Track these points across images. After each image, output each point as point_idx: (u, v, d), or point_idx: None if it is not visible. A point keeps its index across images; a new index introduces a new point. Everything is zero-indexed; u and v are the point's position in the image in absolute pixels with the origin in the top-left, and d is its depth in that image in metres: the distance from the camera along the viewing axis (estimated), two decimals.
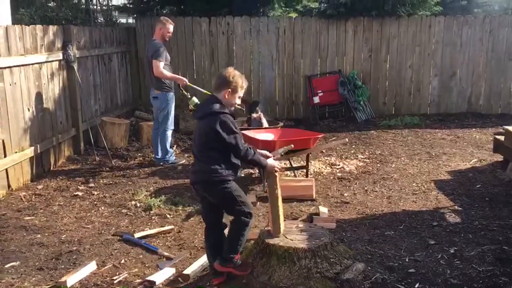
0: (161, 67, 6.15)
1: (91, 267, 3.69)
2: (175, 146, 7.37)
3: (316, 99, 9.32)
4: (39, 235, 4.33)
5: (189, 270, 3.57)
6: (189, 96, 6.26)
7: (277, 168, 3.45)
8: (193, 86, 6.64)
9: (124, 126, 7.56)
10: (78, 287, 3.46)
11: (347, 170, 6.28)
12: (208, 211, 3.46)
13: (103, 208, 5.02)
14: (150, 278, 3.51)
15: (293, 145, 4.87)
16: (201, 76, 9.44)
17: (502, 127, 6.30)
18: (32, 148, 5.80)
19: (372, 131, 8.51)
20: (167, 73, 6.26)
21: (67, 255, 3.94)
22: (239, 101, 3.40)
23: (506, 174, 5.83)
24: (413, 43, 9.57)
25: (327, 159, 6.75)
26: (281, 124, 6.66)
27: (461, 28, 9.56)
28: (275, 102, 9.67)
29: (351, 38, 9.48)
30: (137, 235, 4.27)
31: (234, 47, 9.42)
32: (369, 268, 3.58)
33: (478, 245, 4.02)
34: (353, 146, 7.50)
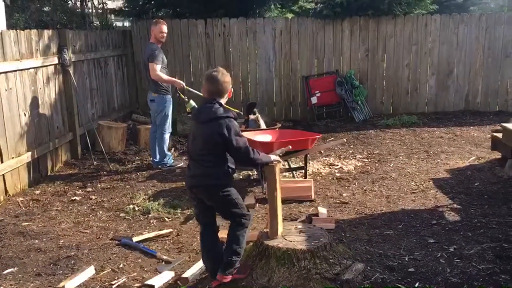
0: (158, 70, 6.13)
1: (89, 272, 3.67)
2: (172, 149, 7.35)
3: (314, 100, 9.32)
4: (36, 241, 4.31)
5: (188, 274, 3.56)
6: (186, 99, 6.25)
7: (279, 159, 3.53)
8: (190, 89, 6.62)
9: (121, 129, 7.53)
10: None
11: (346, 170, 6.27)
12: (205, 210, 3.44)
13: (101, 212, 5.00)
14: (149, 282, 3.49)
15: (291, 146, 4.86)
16: (198, 78, 9.41)
17: (500, 124, 6.29)
18: (29, 153, 5.78)
19: (370, 131, 8.50)
20: (164, 76, 6.24)
21: (65, 260, 3.92)
22: None
23: (504, 171, 5.82)
24: (409, 42, 9.57)
25: (325, 160, 6.74)
26: (278, 125, 6.66)
27: (457, 26, 9.57)
28: (272, 103, 9.66)
29: (348, 38, 9.48)
30: (135, 239, 4.25)
31: (230, 49, 9.41)
32: (368, 268, 3.57)
33: (477, 243, 4.01)
34: (352, 146, 7.49)
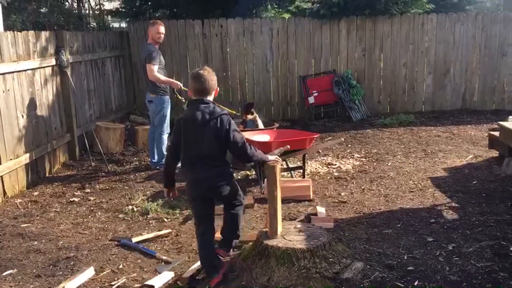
0: (156, 70, 6.13)
1: (89, 273, 3.66)
2: None
3: (311, 99, 9.33)
4: (36, 242, 4.31)
5: (188, 274, 3.56)
6: (183, 100, 6.25)
7: (278, 161, 3.58)
8: (187, 90, 6.60)
9: (119, 130, 7.53)
10: None
11: (344, 169, 6.29)
12: (208, 210, 3.50)
13: (100, 213, 5.00)
14: (149, 283, 3.49)
15: (289, 145, 4.88)
16: None
17: (497, 123, 6.32)
18: (27, 155, 5.77)
19: (367, 130, 8.52)
20: (162, 77, 6.24)
21: (64, 262, 3.91)
22: None
23: (502, 169, 5.85)
24: (406, 41, 9.60)
25: (323, 159, 6.75)
26: (276, 125, 6.67)
27: (453, 25, 9.60)
28: (270, 103, 9.68)
29: (345, 38, 9.50)
30: (134, 239, 4.25)
31: (228, 49, 9.42)
32: (368, 267, 3.58)
33: (476, 241, 4.02)
34: (349, 146, 7.51)
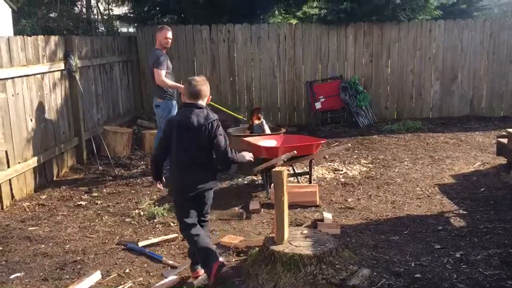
0: (163, 75, 6.16)
1: (95, 276, 3.67)
2: None
3: (318, 105, 9.33)
4: (43, 245, 4.33)
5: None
6: None
7: (251, 158, 3.66)
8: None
9: (126, 135, 7.57)
10: None
11: (351, 175, 6.27)
12: (194, 207, 3.55)
13: (106, 217, 5.02)
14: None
15: (296, 151, 4.87)
16: None
17: (505, 130, 6.28)
18: (35, 158, 5.81)
19: (374, 136, 8.50)
20: (169, 82, 6.27)
21: (71, 265, 3.93)
22: None
23: (510, 177, 5.80)
24: (414, 47, 9.58)
25: (330, 165, 6.74)
26: (283, 130, 6.66)
27: (461, 31, 9.58)
28: (276, 108, 9.68)
29: (352, 44, 9.50)
30: (141, 244, 4.26)
31: (235, 54, 9.45)
32: (375, 273, 3.56)
33: (484, 249, 3.99)
34: (356, 151, 7.49)
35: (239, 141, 6.23)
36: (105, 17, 12.92)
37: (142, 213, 5.04)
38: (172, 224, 4.74)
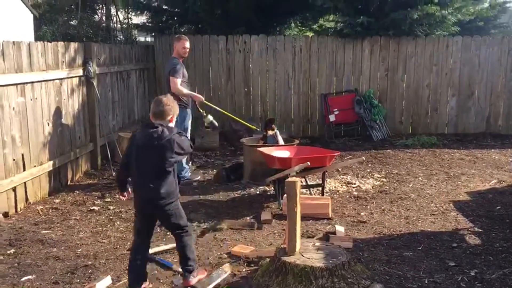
0: (179, 84, 6.21)
1: (106, 282, 3.68)
2: (190, 162, 7.38)
3: (332, 117, 9.31)
4: (55, 249, 4.35)
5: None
6: (204, 114, 6.30)
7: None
8: (209, 104, 6.68)
9: None
10: None
11: (364, 189, 6.22)
12: (149, 227, 3.65)
13: (118, 223, 5.03)
14: None
15: (309, 162, 4.85)
16: (217, 93, 9.51)
17: None
18: (51, 162, 5.87)
19: (388, 150, 8.43)
20: (184, 90, 6.32)
21: (82, 270, 3.94)
22: None
23: None
24: (430, 62, 9.54)
25: (343, 178, 6.70)
26: (297, 142, 6.65)
27: (479, 48, 9.51)
28: (290, 119, 9.68)
29: (368, 57, 9.49)
30: (152, 250, 4.24)
31: (250, 65, 9.49)
32: None
33: (499, 268, 3.91)
34: (370, 165, 7.43)
35: (252, 151, 6.24)
36: (124, 25, 13.11)
37: None
38: None
